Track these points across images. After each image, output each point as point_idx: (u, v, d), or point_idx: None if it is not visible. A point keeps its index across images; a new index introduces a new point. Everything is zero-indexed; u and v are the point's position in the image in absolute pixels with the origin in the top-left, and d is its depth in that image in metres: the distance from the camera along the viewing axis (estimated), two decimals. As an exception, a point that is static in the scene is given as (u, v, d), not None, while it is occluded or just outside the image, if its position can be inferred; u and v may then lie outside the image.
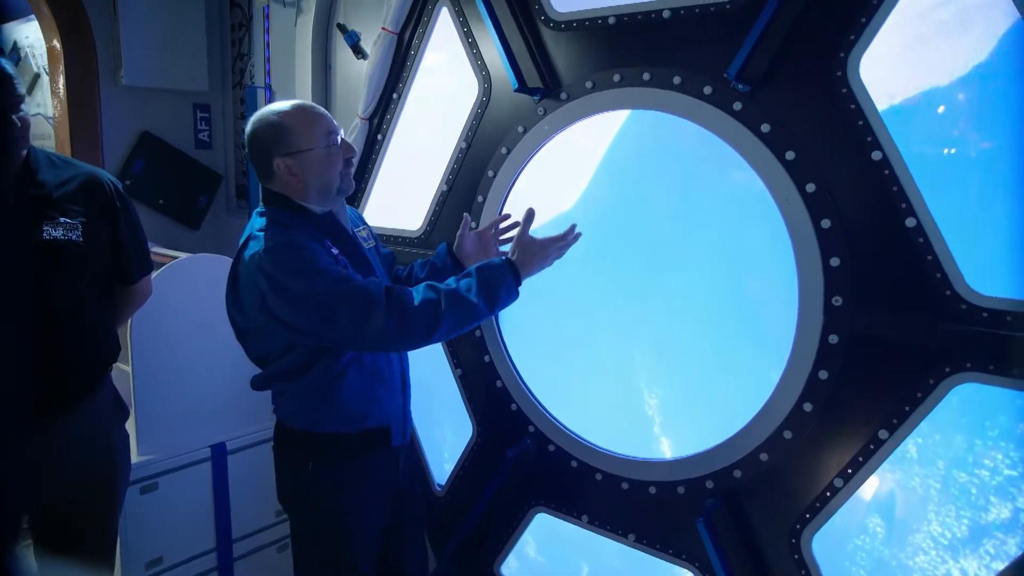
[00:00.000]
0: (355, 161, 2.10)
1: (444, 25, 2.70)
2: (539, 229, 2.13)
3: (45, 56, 3.29)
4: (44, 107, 4.36)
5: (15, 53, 4.83)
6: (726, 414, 2.15)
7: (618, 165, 2.44)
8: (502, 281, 1.94)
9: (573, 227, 2.14)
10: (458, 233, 2.32)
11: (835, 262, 1.89)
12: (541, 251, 2.05)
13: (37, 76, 4.64)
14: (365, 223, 2.30)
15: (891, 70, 1.82)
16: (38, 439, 1.93)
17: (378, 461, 2.14)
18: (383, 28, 2.75)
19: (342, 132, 2.06)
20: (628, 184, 2.46)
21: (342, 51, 3.02)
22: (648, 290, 2.38)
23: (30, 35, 4.59)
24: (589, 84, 2.29)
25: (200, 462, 2.82)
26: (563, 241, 2.10)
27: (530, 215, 2.09)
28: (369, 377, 2.06)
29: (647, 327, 2.40)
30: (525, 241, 2.05)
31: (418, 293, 1.88)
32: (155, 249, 3.11)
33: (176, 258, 2.87)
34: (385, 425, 2.11)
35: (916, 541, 1.89)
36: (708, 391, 2.31)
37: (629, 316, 2.43)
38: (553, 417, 2.54)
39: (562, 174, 2.51)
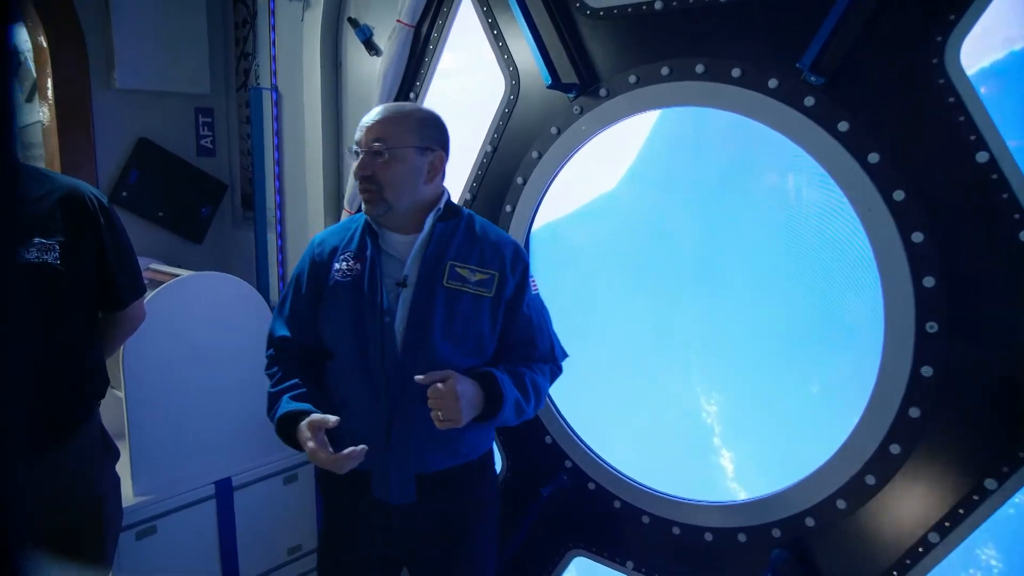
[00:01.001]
0: (367, 184, 1.75)
1: (466, 16, 2.44)
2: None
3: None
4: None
5: (15, 57, 4.62)
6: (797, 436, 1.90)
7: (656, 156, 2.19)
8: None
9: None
10: None
11: (929, 282, 1.62)
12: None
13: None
14: (496, 265, 1.82)
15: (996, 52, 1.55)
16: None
17: (357, 507, 1.87)
18: (398, 21, 2.51)
19: (355, 148, 1.79)
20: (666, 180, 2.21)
21: (354, 47, 2.77)
22: (702, 306, 2.13)
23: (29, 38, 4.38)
24: (633, 78, 2.03)
25: (203, 500, 2.58)
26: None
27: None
28: (340, 384, 1.83)
29: (704, 342, 2.16)
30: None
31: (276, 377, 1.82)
32: (154, 266, 2.88)
33: (177, 276, 2.63)
34: (361, 468, 1.77)
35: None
36: (774, 409, 2.06)
37: (679, 334, 2.19)
38: (593, 452, 2.28)
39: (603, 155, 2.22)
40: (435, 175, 1.81)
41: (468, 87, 2.56)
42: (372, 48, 2.68)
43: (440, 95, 2.55)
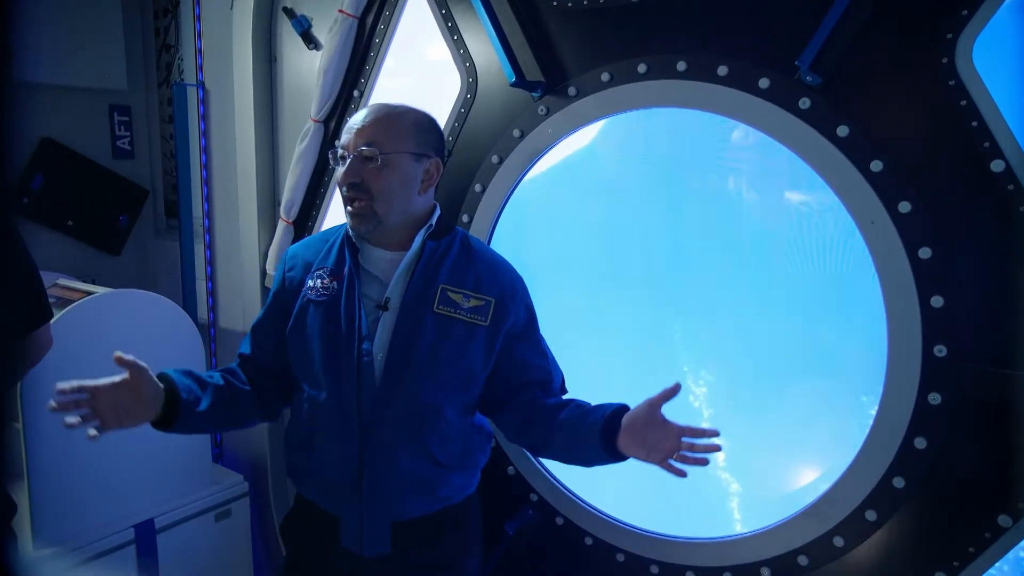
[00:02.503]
0: (354, 193, 1.56)
1: (416, 6, 2.22)
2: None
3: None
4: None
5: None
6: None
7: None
8: None
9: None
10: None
11: (937, 302, 1.48)
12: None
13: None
14: (497, 293, 1.63)
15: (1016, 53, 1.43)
16: None
17: (325, 558, 1.68)
18: (340, 11, 2.26)
19: (340, 151, 1.59)
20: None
21: (290, 40, 2.51)
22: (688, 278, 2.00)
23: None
24: (606, 76, 1.84)
25: (121, 547, 2.28)
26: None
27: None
28: (307, 418, 1.64)
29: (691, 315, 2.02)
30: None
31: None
32: (63, 282, 2.54)
33: (90, 293, 2.31)
34: (330, 512, 1.64)
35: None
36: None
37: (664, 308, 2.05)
38: (559, 482, 2.09)
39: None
40: (429, 185, 1.64)
41: (405, 87, 2.33)
42: (311, 41, 2.42)
43: (392, 93, 2.31)
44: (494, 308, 1.60)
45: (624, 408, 1.51)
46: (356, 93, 2.34)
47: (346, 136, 1.58)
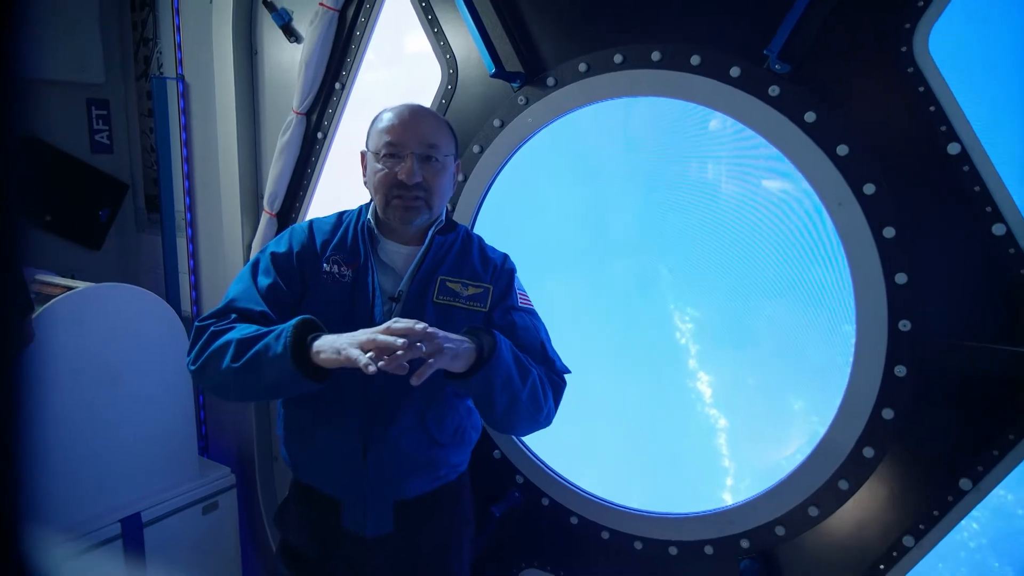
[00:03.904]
0: (416, 192, 1.60)
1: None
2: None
3: None
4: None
5: None
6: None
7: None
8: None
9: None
10: None
11: (901, 279, 1.56)
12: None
13: None
14: (501, 284, 1.70)
15: (969, 42, 1.50)
16: None
17: (326, 540, 1.70)
18: (321, 4, 2.29)
19: (392, 150, 1.61)
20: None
21: (271, 33, 2.52)
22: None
23: None
24: (583, 67, 1.89)
25: (107, 541, 2.28)
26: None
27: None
28: (313, 399, 1.58)
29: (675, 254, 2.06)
30: None
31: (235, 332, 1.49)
32: (41, 277, 2.54)
33: (71, 288, 2.31)
34: (331, 495, 1.67)
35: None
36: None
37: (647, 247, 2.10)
38: (545, 464, 2.15)
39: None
40: (454, 186, 1.76)
41: (386, 79, 2.36)
42: (291, 34, 2.44)
43: (373, 86, 2.34)
44: (491, 295, 1.67)
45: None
46: (338, 85, 2.36)
47: (393, 135, 1.59)
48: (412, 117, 1.62)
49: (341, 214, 1.78)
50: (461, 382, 1.47)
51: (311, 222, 1.76)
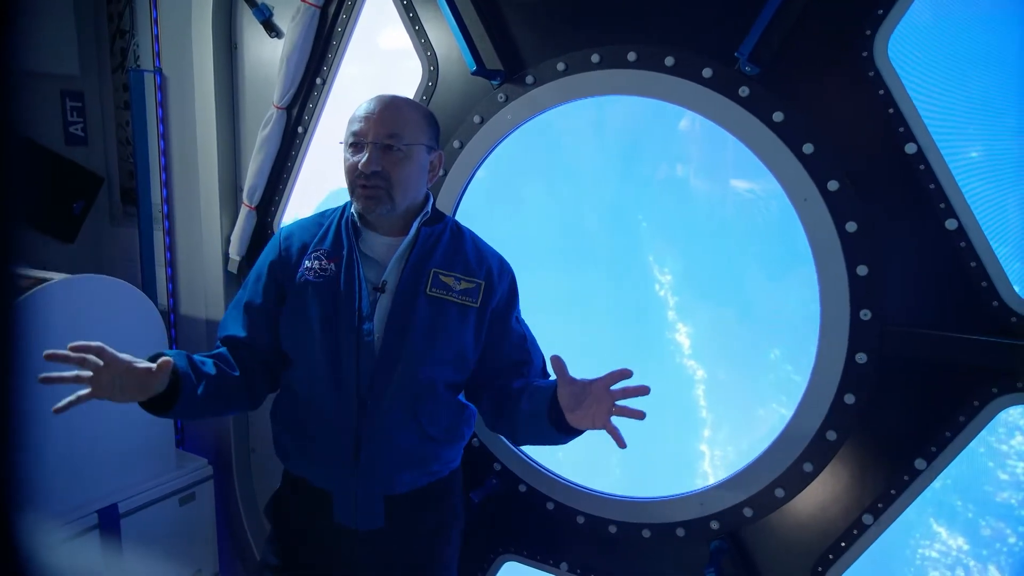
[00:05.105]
0: (375, 181, 1.61)
1: (378, -4, 2.29)
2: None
3: None
4: None
5: None
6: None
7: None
8: None
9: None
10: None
11: (863, 271, 1.65)
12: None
13: None
14: (488, 277, 1.72)
15: (925, 49, 1.60)
16: None
17: (316, 534, 1.73)
18: (303, 0, 2.31)
19: (355, 139, 1.64)
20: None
21: (251, 28, 2.54)
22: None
23: None
24: (561, 66, 1.96)
25: (84, 532, 2.28)
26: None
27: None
28: (303, 394, 1.69)
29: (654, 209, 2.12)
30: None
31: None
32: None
33: (46, 280, 2.30)
34: (323, 488, 1.69)
35: None
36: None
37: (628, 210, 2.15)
38: (522, 452, 2.20)
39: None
40: (433, 176, 1.73)
41: (366, 74, 2.40)
42: (272, 29, 2.46)
43: (353, 81, 2.38)
44: (483, 290, 1.69)
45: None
46: (319, 81, 2.39)
47: (359, 124, 1.61)
48: (378, 107, 1.63)
49: (323, 212, 1.81)
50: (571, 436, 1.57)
51: (285, 229, 1.79)
